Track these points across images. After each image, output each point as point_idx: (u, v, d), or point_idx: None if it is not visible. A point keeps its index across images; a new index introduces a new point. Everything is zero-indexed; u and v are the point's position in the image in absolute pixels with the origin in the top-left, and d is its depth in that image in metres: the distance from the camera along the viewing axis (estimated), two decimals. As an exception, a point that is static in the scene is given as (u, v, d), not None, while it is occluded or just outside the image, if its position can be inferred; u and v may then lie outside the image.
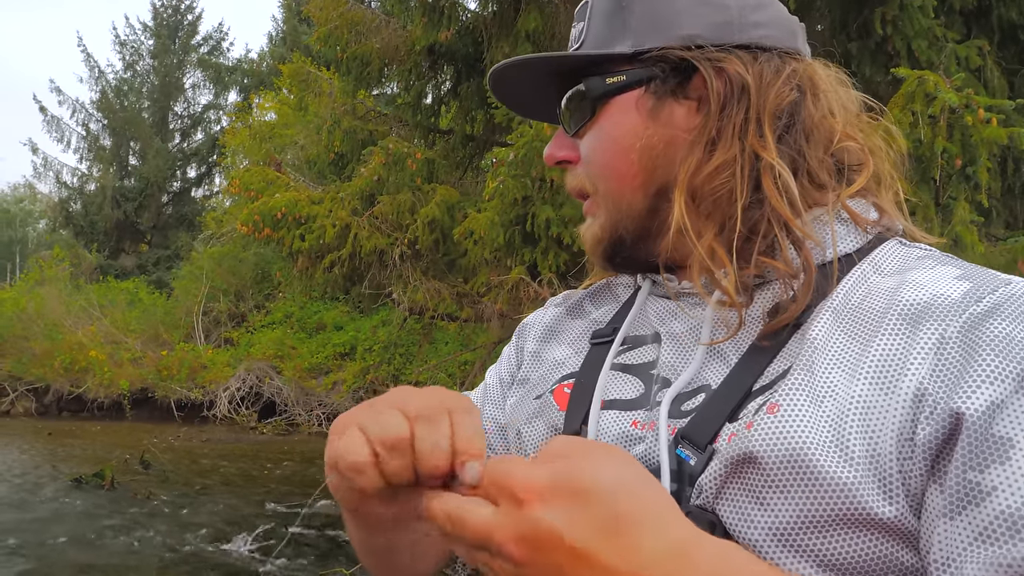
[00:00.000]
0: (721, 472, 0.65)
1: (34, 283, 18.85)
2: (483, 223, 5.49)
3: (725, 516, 0.65)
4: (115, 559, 6.09)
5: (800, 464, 0.60)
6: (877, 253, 0.74)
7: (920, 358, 0.61)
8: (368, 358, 13.98)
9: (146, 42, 28.17)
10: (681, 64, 0.77)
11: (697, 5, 0.78)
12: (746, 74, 0.75)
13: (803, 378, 0.64)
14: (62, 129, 26.86)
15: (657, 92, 0.78)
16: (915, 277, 0.68)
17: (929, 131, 2.97)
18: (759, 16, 0.78)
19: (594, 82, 0.81)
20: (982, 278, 0.65)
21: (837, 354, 0.65)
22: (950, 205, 3.04)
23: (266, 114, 19.82)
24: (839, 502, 0.59)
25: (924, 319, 0.63)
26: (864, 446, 0.59)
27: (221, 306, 17.53)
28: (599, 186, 0.82)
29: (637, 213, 0.80)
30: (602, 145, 0.81)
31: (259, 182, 8.08)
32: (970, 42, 3.98)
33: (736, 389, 0.69)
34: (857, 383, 0.62)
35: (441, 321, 8.56)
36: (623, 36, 0.79)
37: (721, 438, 0.67)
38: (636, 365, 0.81)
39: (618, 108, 0.80)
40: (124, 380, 14.92)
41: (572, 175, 0.86)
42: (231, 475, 9.66)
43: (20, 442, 11.83)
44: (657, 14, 0.78)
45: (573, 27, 0.86)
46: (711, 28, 0.77)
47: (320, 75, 9.13)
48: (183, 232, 25.53)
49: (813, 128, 0.76)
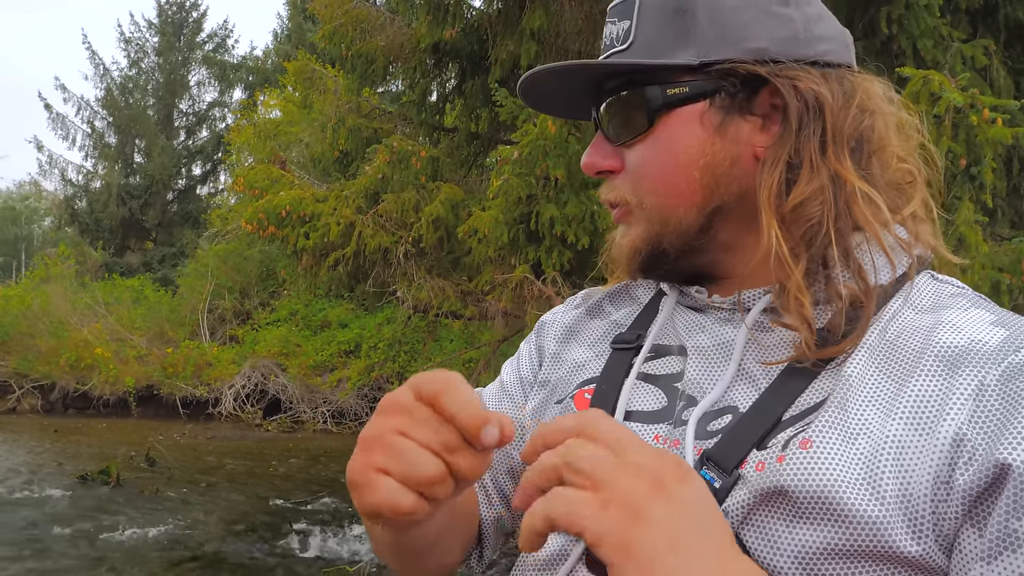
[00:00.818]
0: (749, 501, 0.66)
1: (39, 281, 18.91)
2: (487, 221, 5.49)
3: (749, 541, 0.66)
4: (120, 556, 6.12)
5: (830, 501, 0.61)
6: (911, 287, 0.73)
7: (960, 403, 0.61)
8: (373, 355, 13.99)
9: (151, 39, 28.20)
10: (750, 79, 0.74)
11: (764, 16, 0.75)
12: (821, 92, 0.73)
13: (837, 416, 0.65)
14: (67, 127, 26.91)
15: (724, 107, 0.75)
16: (951, 318, 0.69)
17: (934, 131, 2.97)
18: (822, 29, 0.76)
19: (654, 91, 0.75)
20: (1018, 326, 0.66)
21: (872, 392, 0.66)
22: (955, 205, 3.03)
23: (271, 112, 19.83)
24: (866, 537, 0.61)
25: (962, 364, 0.64)
26: (897, 485, 0.61)
27: (226, 304, 17.57)
28: (647, 200, 0.78)
29: (687, 229, 0.77)
30: (660, 159, 0.77)
31: (263, 180, 8.09)
32: (976, 41, 3.97)
33: (766, 416, 0.69)
34: (893, 422, 0.63)
35: (445, 319, 8.57)
36: (685, 44, 0.75)
37: (748, 464, 0.67)
38: (659, 376, 0.81)
39: (680, 121, 0.76)
40: (130, 377, 14.96)
41: (612, 187, 0.81)
42: (236, 472, 9.69)
43: (26, 439, 11.88)
44: (724, 24, 0.74)
45: (612, 23, 0.80)
46: (778, 42, 0.74)
47: (325, 73, 9.13)
48: (188, 230, 25.57)
49: (877, 150, 0.75)
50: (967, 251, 3.10)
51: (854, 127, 0.73)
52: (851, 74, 0.77)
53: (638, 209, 0.79)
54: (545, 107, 0.89)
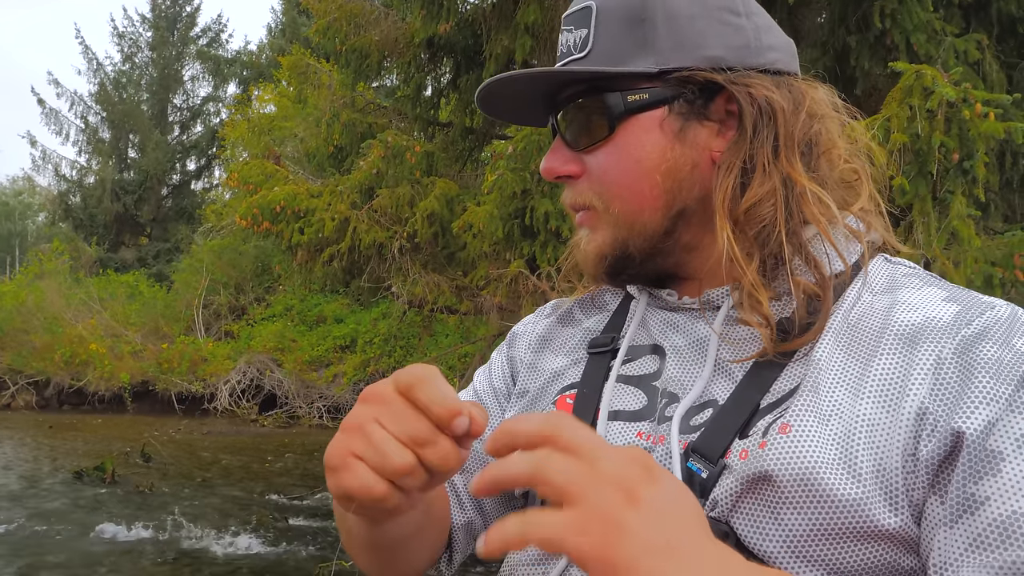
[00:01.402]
0: (736, 488, 0.68)
1: (34, 276, 18.89)
2: (482, 216, 5.50)
3: (739, 528, 0.68)
4: (116, 552, 6.12)
5: (811, 483, 0.64)
6: (866, 271, 0.77)
7: (920, 378, 0.66)
8: (368, 351, 14.01)
9: (144, 34, 28.10)
10: (707, 85, 0.77)
11: (718, 25, 0.77)
12: (774, 98, 0.76)
13: (810, 399, 0.68)
14: (60, 122, 26.82)
15: (683, 113, 0.78)
16: (906, 297, 0.73)
17: (927, 125, 2.98)
18: (771, 39, 0.80)
19: (614, 98, 0.77)
20: (968, 301, 0.71)
21: (840, 374, 0.69)
22: (947, 199, 3.04)
23: (265, 106, 19.78)
24: (848, 517, 0.64)
25: (920, 340, 0.68)
26: (871, 462, 0.64)
27: (221, 299, 17.55)
28: (612, 205, 0.80)
29: (652, 233, 0.79)
30: (621, 165, 0.78)
31: (258, 175, 8.07)
32: (969, 36, 3.98)
33: (744, 405, 0.72)
34: (862, 402, 0.67)
35: (441, 314, 8.58)
36: (644, 52, 0.76)
37: (732, 453, 0.70)
38: (637, 376, 0.83)
39: (640, 127, 0.78)
40: (125, 373, 14.96)
41: (575, 191, 0.83)
42: (232, 467, 9.70)
43: (21, 435, 11.86)
44: (681, 32, 0.76)
45: (568, 31, 0.81)
46: (732, 50, 0.77)
47: (319, 67, 9.11)
48: (183, 225, 25.52)
49: (825, 152, 0.78)
50: (960, 245, 3.11)
51: (804, 131, 0.77)
52: (797, 81, 0.81)
53: (604, 214, 0.80)
54: (501, 114, 0.90)
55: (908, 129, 3.00)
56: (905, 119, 3.00)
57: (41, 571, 5.61)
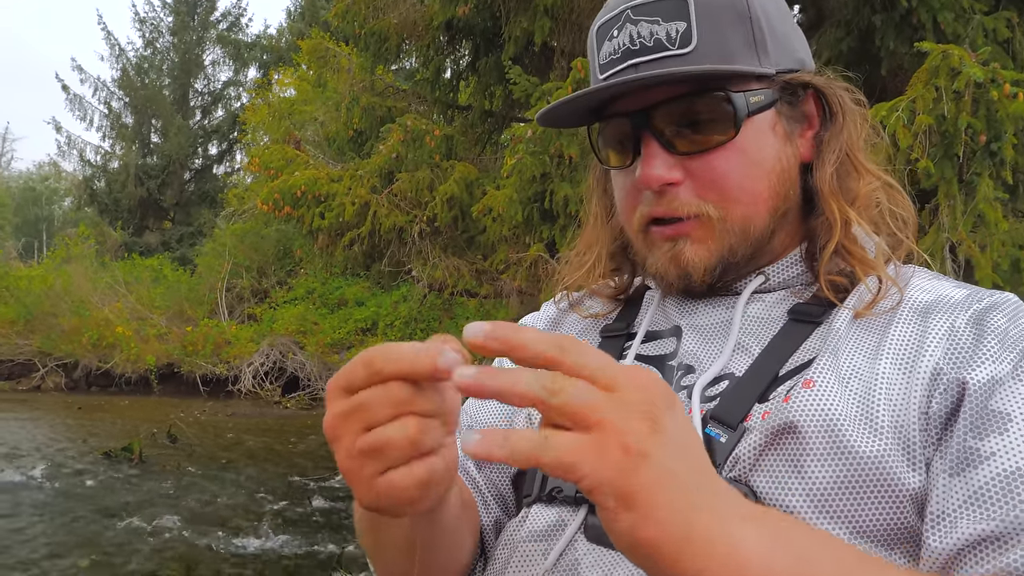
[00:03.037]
0: (759, 443, 0.68)
1: (61, 261, 19.16)
2: (502, 200, 5.49)
3: (760, 486, 0.68)
4: (143, 531, 6.24)
5: (835, 434, 0.65)
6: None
7: (935, 343, 0.68)
8: (389, 333, 14.09)
9: (165, 19, 28.22)
10: (803, 86, 0.79)
11: (795, 29, 0.81)
12: (847, 98, 0.81)
13: (831, 361, 0.70)
14: (84, 107, 27.08)
15: (786, 115, 0.79)
16: (918, 282, 0.77)
17: (953, 106, 2.93)
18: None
19: (740, 99, 0.74)
20: (977, 288, 0.75)
21: (857, 344, 0.72)
22: (974, 182, 2.99)
23: (285, 90, 19.82)
24: (871, 471, 0.64)
25: (933, 312, 0.71)
26: (890, 419, 0.65)
27: (244, 282, 17.71)
28: (730, 212, 0.76)
29: (760, 237, 0.79)
30: (744, 169, 0.75)
31: (278, 160, 8.11)
32: (998, 13, 3.89)
33: (764, 374, 0.73)
34: (880, 364, 0.69)
35: (461, 297, 8.60)
36: (754, 52, 0.75)
37: (753, 417, 0.70)
38: (653, 357, 0.83)
39: (758, 129, 0.76)
40: (150, 355, 15.17)
41: (675, 200, 0.76)
42: (256, 449, 9.83)
43: (51, 417, 12.09)
44: (776, 34, 0.77)
45: (653, 22, 0.75)
46: (805, 51, 0.82)
47: (339, 51, 9.11)
48: (205, 209, 25.73)
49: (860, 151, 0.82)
50: (986, 228, 3.06)
51: (862, 130, 0.81)
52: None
53: (719, 222, 0.76)
54: (560, 121, 0.86)
55: (934, 111, 2.95)
56: (931, 100, 2.95)
57: (73, 550, 5.74)
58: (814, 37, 4.29)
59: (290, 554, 5.85)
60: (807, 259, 0.81)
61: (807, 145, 0.81)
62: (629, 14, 0.76)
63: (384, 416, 0.50)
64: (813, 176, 0.80)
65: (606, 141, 0.82)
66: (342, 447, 0.52)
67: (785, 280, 0.81)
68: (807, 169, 0.81)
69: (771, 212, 0.78)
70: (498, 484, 0.91)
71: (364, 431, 0.51)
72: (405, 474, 0.51)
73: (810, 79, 0.79)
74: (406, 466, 0.51)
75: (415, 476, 0.51)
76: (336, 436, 0.52)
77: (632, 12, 0.76)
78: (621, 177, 0.82)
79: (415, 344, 0.50)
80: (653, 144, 0.76)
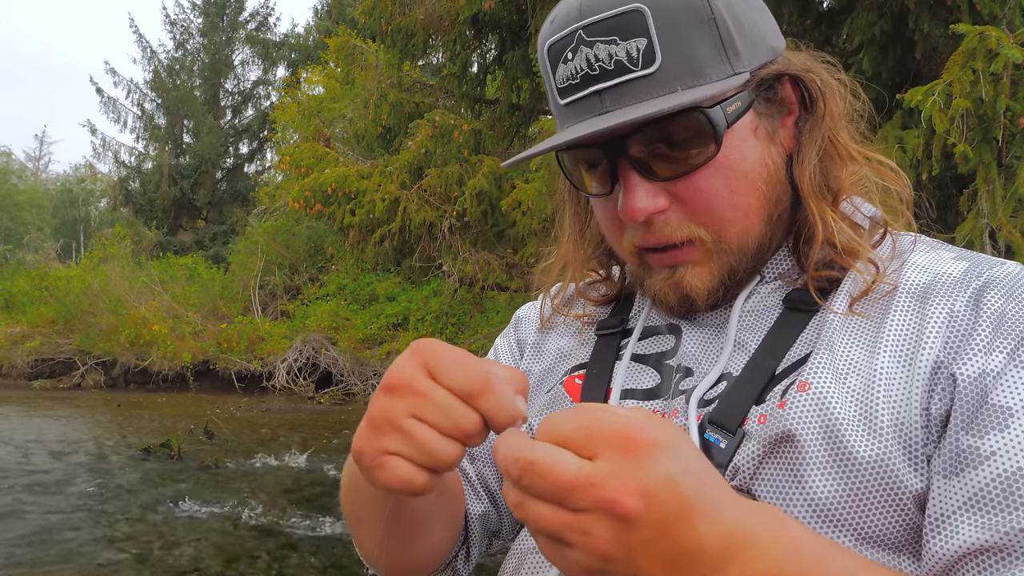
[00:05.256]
0: (758, 452, 0.67)
1: (98, 261, 19.58)
2: (531, 194, 5.49)
3: (761, 495, 0.66)
4: (184, 525, 6.37)
5: (834, 440, 0.63)
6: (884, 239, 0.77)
7: (934, 333, 0.65)
8: (421, 328, 14.18)
9: (195, 20, 28.59)
10: (777, 77, 0.73)
11: (762, 14, 0.74)
12: (827, 79, 0.75)
13: (826, 356, 0.67)
14: (118, 109, 27.58)
15: (765, 112, 0.73)
16: (916, 259, 0.72)
17: (991, 89, 2.86)
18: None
19: (717, 114, 0.68)
20: (977, 258, 0.70)
21: (854, 333, 0.68)
22: (1013, 165, 2.93)
23: (314, 88, 19.99)
24: (872, 477, 0.62)
25: (931, 295, 0.67)
26: (891, 418, 0.62)
27: (276, 279, 17.93)
28: (724, 232, 0.72)
29: (756, 247, 0.75)
30: (731, 184, 0.70)
31: (309, 158, 8.20)
32: (1037, -8, 3.79)
33: (760, 373, 0.71)
34: (879, 358, 0.66)
35: (491, 291, 8.63)
36: (725, 57, 0.69)
37: (751, 420, 0.68)
38: (649, 355, 0.81)
39: (738, 138, 0.71)
40: (187, 353, 15.43)
41: (665, 227, 0.72)
42: (291, 444, 9.95)
43: (91, 414, 12.36)
44: (744, 27, 0.70)
45: (610, 43, 0.68)
46: (776, 36, 0.75)
47: (366, 48, 9.16)
48: (238, 207, 26.08)
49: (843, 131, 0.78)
50: (1027, 213, 3.00)
51: (843, 109, 0.76)
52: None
53: (714, 244, 0.73)
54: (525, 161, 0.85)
55: (971, 93, 2.89)
56: (968, 83, 2.89)
57: (114, 543, 5.87)
58: (845, 21, 4.21)
59: (327, 546, 5.93)
60: (796, 252, 0.77)
61: (788, 135, 0.75)
62: (582, 35, 0.69)
63: (442, 426, 0.53)
64: (794, 173, 0.75)
65: (577, 163, 0.76)
66: (390, 407, 0.54)
67: (779, 274, 0.78)
68: (792, 159, 0.76)
69: (766, 221, 0.74)
70: (488, 480, 0.91)
71: (416, 419, 0.53)
72: (410, 471, 0.54)
73: (785, 68, 0.72)
74: (416, 468, 0.54)
75: (415, 479, 0.54)
76: (394, 396, 0.55)
77: (585, 33, 0.69)
78: (601, 204, 0.77)
79: (511, 393, 0.53)
80: (632, 175, 0.70)
